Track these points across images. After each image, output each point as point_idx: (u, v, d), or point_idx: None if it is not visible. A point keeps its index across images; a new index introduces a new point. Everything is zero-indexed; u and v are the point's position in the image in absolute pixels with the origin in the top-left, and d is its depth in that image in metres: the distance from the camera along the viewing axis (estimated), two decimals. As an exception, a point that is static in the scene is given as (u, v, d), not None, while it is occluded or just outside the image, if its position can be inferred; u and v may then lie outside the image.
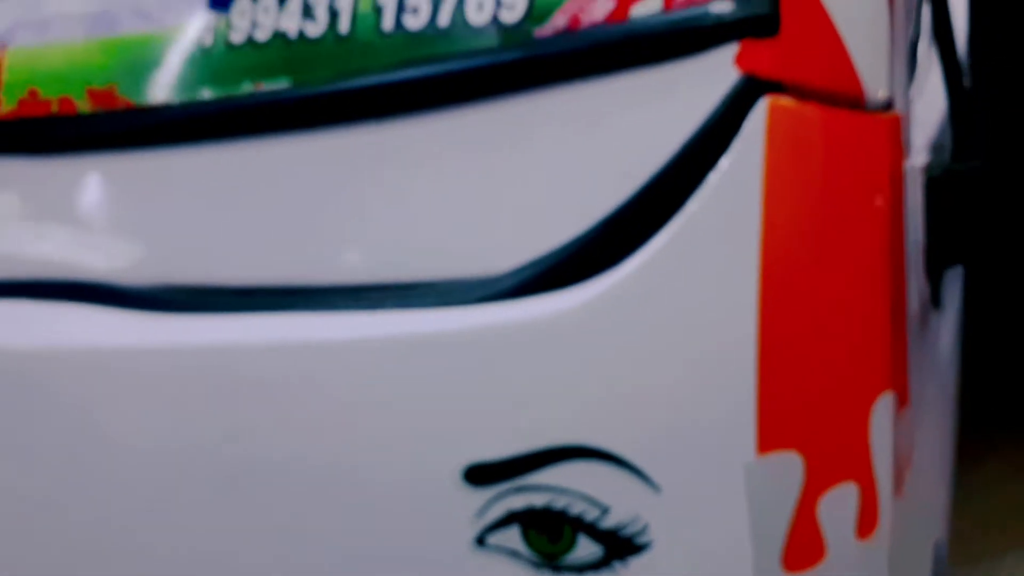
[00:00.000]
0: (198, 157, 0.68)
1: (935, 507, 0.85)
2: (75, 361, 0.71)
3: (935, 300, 0.72)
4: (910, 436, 0.62)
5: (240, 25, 0.67)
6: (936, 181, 0.67)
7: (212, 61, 0.67)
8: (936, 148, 0.74)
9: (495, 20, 0.58)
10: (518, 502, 0.55)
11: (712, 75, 0.53)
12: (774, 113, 0.52)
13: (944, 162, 0.70)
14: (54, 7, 0.77)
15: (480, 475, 0.55)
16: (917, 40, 0.82)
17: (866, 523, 0.56)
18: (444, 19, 0.59)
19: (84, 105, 0.73)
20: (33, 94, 0.77)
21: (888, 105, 0.58)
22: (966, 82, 0.74)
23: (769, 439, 0.53)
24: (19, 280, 0.76)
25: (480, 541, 0.56)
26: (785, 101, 0.53)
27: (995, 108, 0.77)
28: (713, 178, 0.53)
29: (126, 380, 0.68)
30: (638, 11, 0.55)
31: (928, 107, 0.79)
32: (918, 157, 0.70)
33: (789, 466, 0.53)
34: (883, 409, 0.56)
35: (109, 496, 0.68)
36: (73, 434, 0.70)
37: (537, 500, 0.55)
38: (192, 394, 0.64)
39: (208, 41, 0.68)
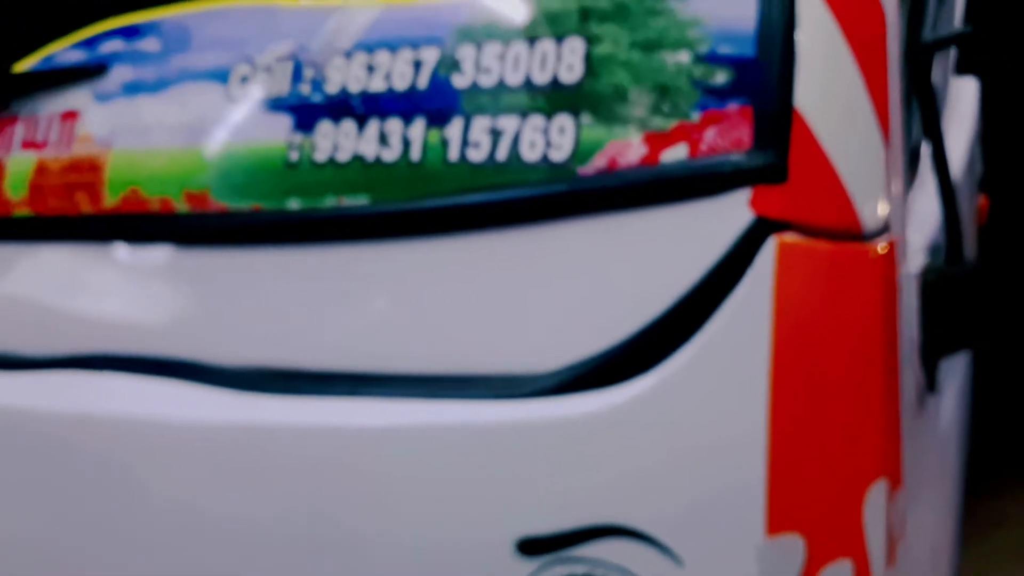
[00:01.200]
0: (283, 257, 0.80)
1: (935, 565, 0.95)
2: (167, 434, 0.83)
3: (931, 386, 0.82)
4: (903, 513, 0.72)
5: (323, 145, 0.79)
6: (930, 285, 0.77)
7: (298, 175, 0.79)
8: (933, 249, 0.84)
9: (545, 158, 0.69)
10: (562, 571, 0.66)
11: (729, 215, 0.64)
12: (782, 249, 0.63)
13: (938, 265, 0.80)
14: (153, 116, 0.90)
15: (531, 547, 0.66)
16: (919, 144, 0.92)
17: (861, 592, 0.66)
18: (502, 154, 0.71)
19: (181, 206, 0.86)
20: (135, 192, 0.89)
21: (885, 227, 0.69)
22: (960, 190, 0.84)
23: (776, 523, 0.64)
24: (117, 354, 0.88)
25: (530, 604, 0.67)
26: (791, 238, 0.64)
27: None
28: (730, 302, 0.64)
29: (212, 454, 0.80)
30: (667, 157, 0.66)
31: (930, 203, 0.89)
32: (915, 259, 0.80)
33: (793, 547, 0.64)
34: (876, 494, 0.67)
35: (191, 563, 0.80)
36: (164, 502, 0.82)
37: (578, 570, 0.66)
38: (273, 470, 0.76)
39: (294, 157, 0.80)
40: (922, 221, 0.87)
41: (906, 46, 0.78)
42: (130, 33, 0.95)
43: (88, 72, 0.95)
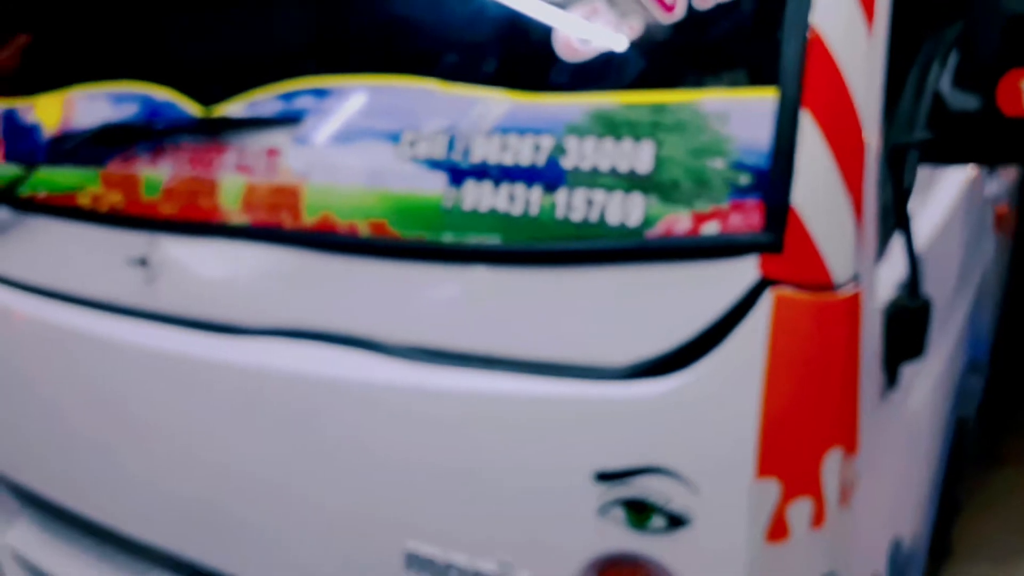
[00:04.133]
0: (439, 272, 1.19)
1: (893, 514, 1.32)
2: (353, 389, 1.24)
3: (891, 383, 1.19)
4: (856, 471, 1.10)
5: (468, 199, 1.17)
6: (890, 315, 1.13)
7: (452, 218, 1.18)
8: (902, 285, 1.19)
9: (622, 223, 1.07)
10: (623, 493, 1.06)
11: (744, 272, 1.01)
12: (777, 298, 1.01)
13: (897, 298, 1.16)
14: (341, 161, 1.29)
15: (604, 477, 1.07)
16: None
17: (817, 520, 1.05)
18: (593, 217, 1.09)
19: (364, 230, 1.25)
20: (327, 216, 1.29)
21: (853, 280, 1.04)
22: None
23: (762, 471, 1.02)
24: (315, 329, 1.29)
25: (601, 512, 1.07)
26: (783, 291, 1.01)
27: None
28: (742, 327, 1.02)
29: (385, 407, 1.21)
30: (705, 230, 1.03)
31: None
32: (884, 292, 1.16)
33: (772, 487, 1.02)
34: (833, 457, 1.04)
35: (362, 490, 1.22)
36: (349, 444, 1.23)
37: (632, 492, 1.06)
38: (430, 420, 1.17)
39: (448, 205, 1.18)
40: (897, 263, 1.22)
41: (887, 144, 1.13)
42: (320, 93, 1.33)
43: (290, 120, 1.34)
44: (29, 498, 1.81)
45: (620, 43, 1.11)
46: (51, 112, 1.77)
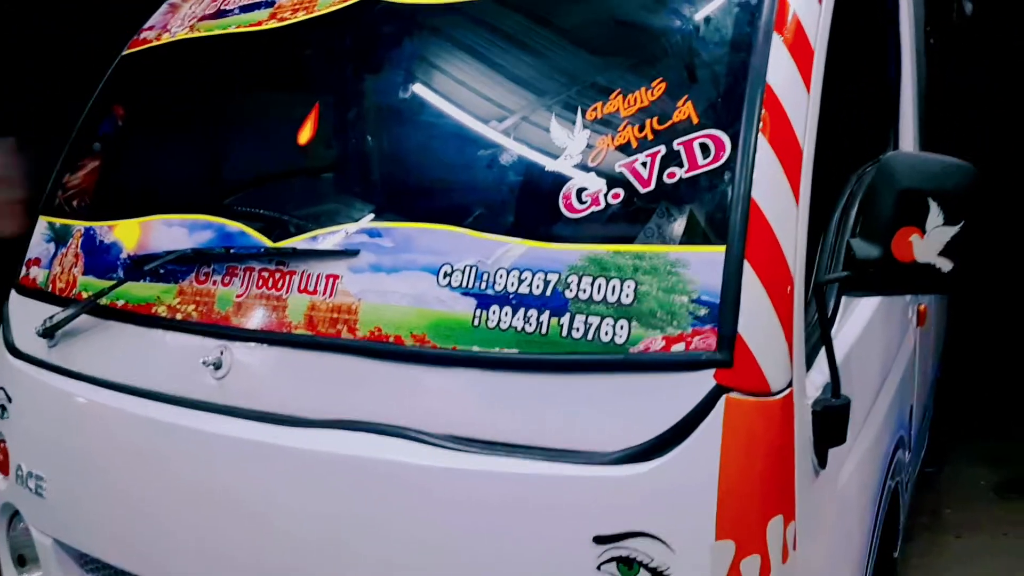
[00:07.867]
0: (468, 376, 1.49)
1: (829, 569, 1.60)
2: (400, 470, 1.52)
3: (822, 464, 1.49)
4: (794, 534, 1.39)
5: (492, 319, 1.48)
6: (816, 411, 1.44)
7: (479, 334, 1.49)
8: (827, 386, 1.50)
9: (612, 341, 1.39)
10: (615, 552, 1.35)
11: (703, 382, 1.33)
12: (728, 401, 1.32)
13: (823, 397, 1.47)
14: (389, 287, 1.60)
15: (601, 540, 1.35)
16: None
17: (764, 572, 1.33)
18: (590, 336, 1.40)
19: (409, 341, 1.55)
20: (378, 329, 1.59)
21: (787, 387, 1.35)
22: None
23: (720, 534, 1.32)
24: (367, 422, 1.57)
25: (599, 567, 1.35)
26: (733, 396, 1.32)
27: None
28: (702, 425, 1.32)
29: (424, 483, 1.49)
30: (674, 349, 1.35)
31: (841, 346, 1.55)
32: (813, 392, 1.47)
33: (728, 546, 1.31)
34: (776, 523, 1.34)
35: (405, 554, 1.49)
36: (397, 517, 1.51)
37: (623, 552, 1.35)
38: (458, 496, 1.45)
39: (477, 323, 1.49)
40: (826, 368, 1.53)
41: (815, 276, 1.46)
42: (373, 233, 1.65)
43: (349, 254, 1.65)
44: (93, 567, 2.04)
45: (609, 206, 1.45)
46: (130, 234, 2.07)
